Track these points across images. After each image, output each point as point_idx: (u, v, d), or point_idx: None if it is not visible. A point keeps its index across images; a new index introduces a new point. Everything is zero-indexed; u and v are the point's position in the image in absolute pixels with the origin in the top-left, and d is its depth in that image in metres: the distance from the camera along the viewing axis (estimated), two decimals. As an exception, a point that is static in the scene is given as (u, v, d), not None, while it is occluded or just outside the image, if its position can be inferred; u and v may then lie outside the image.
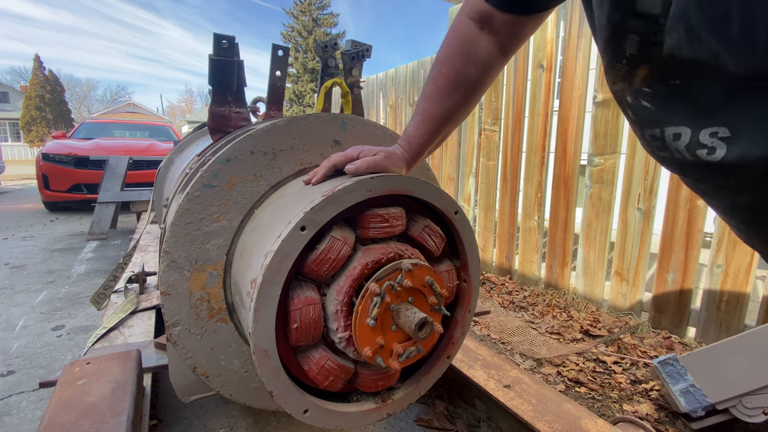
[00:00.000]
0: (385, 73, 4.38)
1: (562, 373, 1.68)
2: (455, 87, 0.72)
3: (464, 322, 0.87)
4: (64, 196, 5.24)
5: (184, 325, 0.80)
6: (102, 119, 8.68)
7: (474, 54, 0.71)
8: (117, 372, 0.98)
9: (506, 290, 2.70)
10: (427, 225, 0.78)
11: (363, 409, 0.76)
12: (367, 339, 0.66)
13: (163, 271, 0.78)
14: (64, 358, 1.77)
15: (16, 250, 3.57)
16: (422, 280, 0.70)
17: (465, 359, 1.34)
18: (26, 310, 2.28)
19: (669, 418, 1.40)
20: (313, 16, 23.52)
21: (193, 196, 0.78)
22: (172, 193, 1.18)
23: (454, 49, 0.72)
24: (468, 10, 0.70)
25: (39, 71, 22.52)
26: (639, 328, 2.07)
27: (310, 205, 0.64)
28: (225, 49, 1.20)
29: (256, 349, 0.63)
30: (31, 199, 7.05)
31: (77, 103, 37.66)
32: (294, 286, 0.68)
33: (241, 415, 1.36)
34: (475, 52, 0.70)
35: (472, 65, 0.71)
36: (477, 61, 0.71)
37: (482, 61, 0.71)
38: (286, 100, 20.23)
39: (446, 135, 0.79)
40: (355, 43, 1.40)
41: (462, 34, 0.71)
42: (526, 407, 1.11)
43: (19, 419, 1.36)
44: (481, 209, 3.15)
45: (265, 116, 1.63)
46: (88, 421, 0.82)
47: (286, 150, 0.85)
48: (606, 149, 2.25)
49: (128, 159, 4.50)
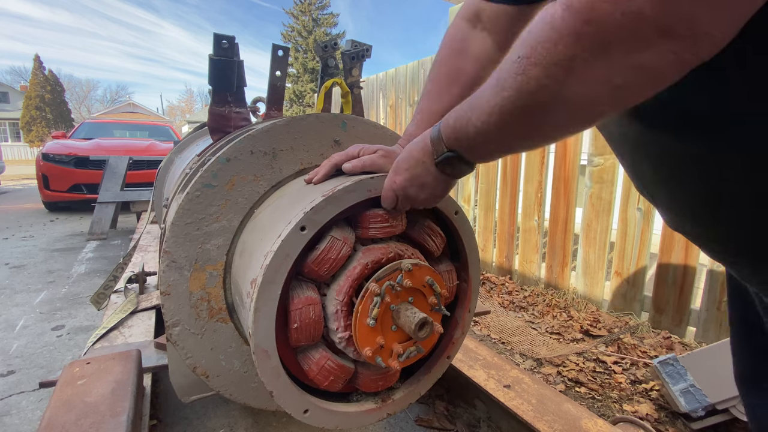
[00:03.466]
0: (385, 73, 4.38)
1: (562, 373, 1.68)
2: (453, 82, 0.73)
3: (464, 322, 0.87)
4: (64, 196, 5.24)
5: (184, 325, 0.80)
6: (102, 119, 8.68)
7: (468, 50, 0.72)
8: (117, 372, 0.98)
9: (506, 290, 2.70)
10: (427, 225, 0.78)
11: (363, 409, 0.76)
12: (367, 339, 0.66)
13: (163, 271, 0.78)
14: (64, 358, 1.77)
15: (16, 250, 3.57)
16: (422, 280, 0.70)
17: (465, 359, 1.34)
18: (26, 310, 2.28)
19: (669, 418, 1.40)
20: (313, 16, 23.52)
21: (193, 196, 0.78)
22: (172, 193, 1.18)
23: (449, 48, 0.74)
24: (462, 12, 0.73)
25: (39, 71, 22.52)
26: (639, 328, 2.07)
27: (310, 205, 0.64)
28: (225, 49, 1.20)
29: (256, 349, 0.63)
30: (31, 199, 7.05)
31: (77, 103, 37.67)
32: (294, 286, 0.68)
33: (241, 415, 1.36)
34: (469, 48, 0.72)
35: (467, 61, 0.72)
36: (472, 56, 0.72)
37: (477, 57, 0.72)
38: (286, 100, 20.23)
39: None
40: (355, 43, 1.40)
41: (456, 34, 0.73)
42: (526, 407, 1.11)
43: (19, 419, 1.36)
44: (481, 209, 3.15)
45: (265, 116, 1.63)
46: (88, 421, 0.82)
47: (286, 150, 0.85)
48: (606, 149, 2.25)
49: (128, 159, 4.49)
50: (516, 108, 0.39)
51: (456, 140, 0.50)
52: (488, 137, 0.46)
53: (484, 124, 0.44)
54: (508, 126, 0.42)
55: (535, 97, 0.37)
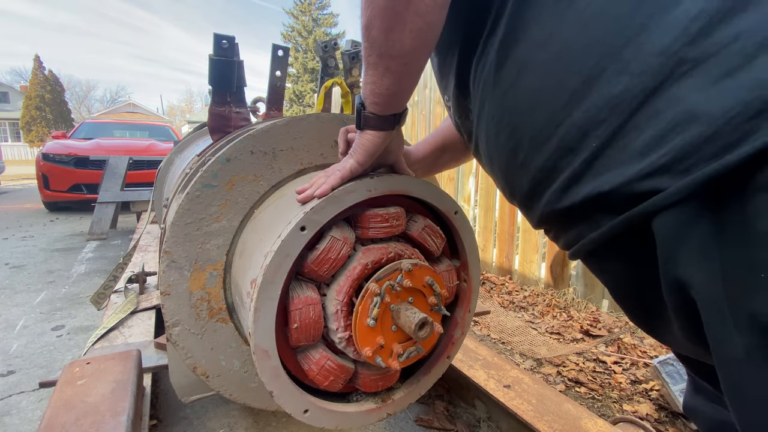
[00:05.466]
0: (385, 73, 4.37)
1: (562, 373, 1.68)
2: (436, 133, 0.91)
3: (464, 322, 0.87)
4: (64, 196, 5.23)
5: (184, 325, 0.80)
6: (102, 119, 8.68)
7: None
8: (117, 372, 0.98)
9: (506, 290, 2.70)
10: (427, 225, 0.78)
11: (363, 409, 0.76)
12: (367, 339, 0.66)
13: (163, 271, 0.78)
14: (64, 358, 1.77)
15: (16, 250, 3.57)
16: (422, 280, 0.71)
17: (465, 359, 1.34)
18: (26, 310, 2.28)
19: (669, 418, 1.40)
20: (313, 16, 23.52)
21: (193, 196, 0.78)
22: (172, 193, 1.18)
23: None
24: None
25: (39, 71, 22.51)
26: (639, 328, 2.07)
27: (310, 205, 0.65)
28: (225, 49, 1.20)
29: (256, 349, 0.63)
30: (31, 199, 7.05)
31: (77, 103, 37.60)
32: (294, 286, 0.68)
33: (241, 415, 1.36)
34: None
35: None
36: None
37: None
38: (286, 100, 20.23)
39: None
40: (355, 43, 1.40)
41: None
42: (526, 407, 1.11)
43: (19, 419, 1.36)
44: (481, 209, 3.15)
45: (265, 116, 1.64)
46: (88, 421, 0.82)
47: (286, 150, 0.85)
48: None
49: (128, 159, 4.49)
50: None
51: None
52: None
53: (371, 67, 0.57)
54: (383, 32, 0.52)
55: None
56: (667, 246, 0.39)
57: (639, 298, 0.49)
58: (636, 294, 0.49)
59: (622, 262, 0.47)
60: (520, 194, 0.57)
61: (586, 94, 0.44)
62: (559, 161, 0.48)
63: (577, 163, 0.45)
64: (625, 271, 0.48)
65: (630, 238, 0.44)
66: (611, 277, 0.51)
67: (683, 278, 0.39)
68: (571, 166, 0.46)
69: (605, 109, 0.42)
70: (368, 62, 0.56)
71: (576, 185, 0.46)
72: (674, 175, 0.38)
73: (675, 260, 0.39)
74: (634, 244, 0.44)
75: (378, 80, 0.57)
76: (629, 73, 0.40)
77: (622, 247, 0.46)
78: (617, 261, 0.48)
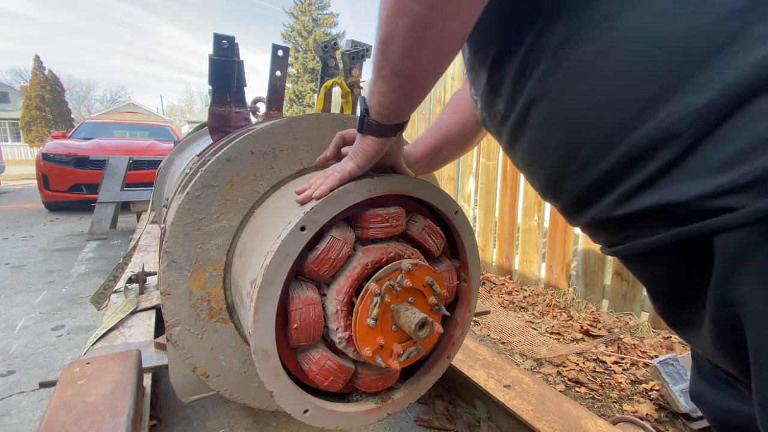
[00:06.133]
0: (385, 73, 4.37)
1: (562, 373, 1.68)
2: (436, 129, 0.89)
3: (464, 322, 0.87)
4: (64, 196, 5.24)
5: (184, 325, 0.80)
6: (102, 119, 8.68)
7: (459, 101, 0.86)
8: (117, 372, 0.98)
9: (506, 290, 2.70)
10: (427, 225, 0.78)
11: (363, 409, 0.76)
12: (367, 339, 0.66)
13: (163, 271, 0.78)
14: (64, 358, 1.77)
15: (16, 250, 3.57)
16: (422, 280, 0.71)
17: (465, 359, 1.34)
18: (26, 310, 2.28)
19: (669, 418, 1.40)
20: (313, 16, 23.53)
21: (193, 196, 0.78)
22: (172, 193, 1.18)
23: (450, 101, 0.89)
24: None
25: (39, 71, 22.51)
26: (639, 328, 2.07)
27: (310, 205, 0.65)
28: (225, 49, 1.20)
29: (256, 349, 0.63)
30: (31, 199, 7.05)
31: (77, 103, 37.59)
32: (294, 286, 0.68)
33: (241, 415, 1.36)
34: (460, 99, 0.86)
35: (450, 112, 0.88)
36: (454, 108, 0.87)
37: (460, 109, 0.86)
38: (286, 100, 20.23)
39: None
40: (355, 43, 1.40)
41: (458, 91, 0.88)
42: (526, 407, 1.11)
43: (19, 419, 1.36)
44: (481, 209, 3.15)
45: (265, 116, 1.64)
46: (88, 421, 0.82)
47: (286, 150, 0.85)
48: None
49: (128, 159, 4.49)
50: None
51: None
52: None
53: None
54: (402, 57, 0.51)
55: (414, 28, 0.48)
56: (728, 263, 0.39)
57: (675, 301, 0.48)
58: (674, 296, 0.48)
59: (667, 267, 0.47)
60: (570, 197, 0.54)
61: (664, 103, 0.41)
62: (625, 170, 0.46)
63: (646, 173, 0.44)
64: (666, 274, 0.48)
65: (682, 247, 0.43)
66: (650, 278, 0.51)
67: (737, 296, 0.38)
68: (639, 175, 0.44)
69: (687, 120, 0.40)
70: (380, 75, 0.55)
71: (641, 195, 0.45)
72: (752, 195, 0.36)
73: (734, 278, 0.38)
74: (683, 252, 0.43)
75: (387, 93, 0.57)
76: (720, 83, 0.38)
77: (669, 255, 0.45)
78: (660, 265, 0.47)
